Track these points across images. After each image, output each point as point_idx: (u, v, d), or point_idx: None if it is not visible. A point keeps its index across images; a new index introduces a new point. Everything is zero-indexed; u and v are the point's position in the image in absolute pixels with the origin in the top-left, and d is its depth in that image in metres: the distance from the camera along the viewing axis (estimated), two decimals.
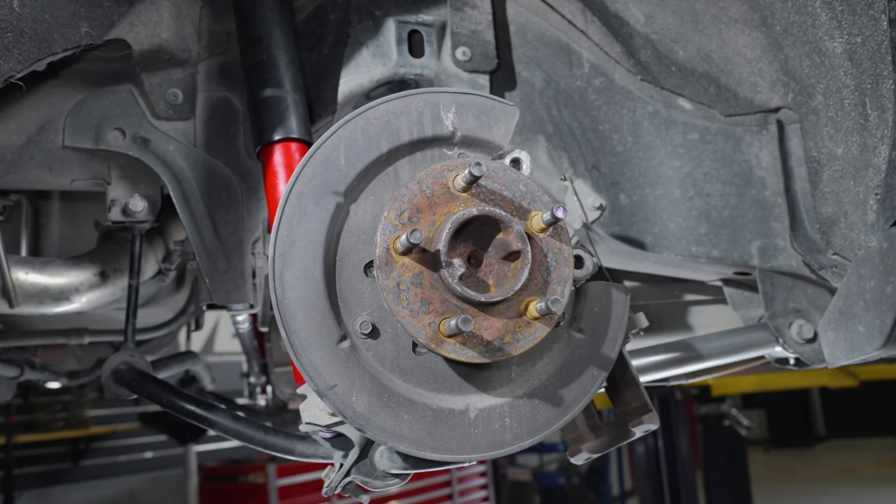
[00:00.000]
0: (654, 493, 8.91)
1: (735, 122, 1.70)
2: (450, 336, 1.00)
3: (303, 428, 1.17)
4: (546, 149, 1.67)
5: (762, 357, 1.85)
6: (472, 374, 1.10)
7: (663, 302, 2.02)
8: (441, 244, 0.99)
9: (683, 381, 1.97)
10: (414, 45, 1.60)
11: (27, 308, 1.60)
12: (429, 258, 1.01)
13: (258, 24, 1.50)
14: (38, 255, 1.97)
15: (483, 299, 1.00)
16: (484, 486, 9.73)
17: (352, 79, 1.55)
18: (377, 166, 1.11)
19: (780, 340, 1.66)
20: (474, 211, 1.02)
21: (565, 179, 1.67)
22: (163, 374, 2.03)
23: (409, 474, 1.22)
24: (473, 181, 1.02)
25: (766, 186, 1.68)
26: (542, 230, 1.07)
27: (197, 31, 1.60)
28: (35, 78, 1.51)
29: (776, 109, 1.67)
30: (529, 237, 1.06)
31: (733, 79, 1.68)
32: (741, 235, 1.67)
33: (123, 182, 1.61)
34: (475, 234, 1.05)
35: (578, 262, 1.18)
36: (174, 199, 1.53)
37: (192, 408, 1.37)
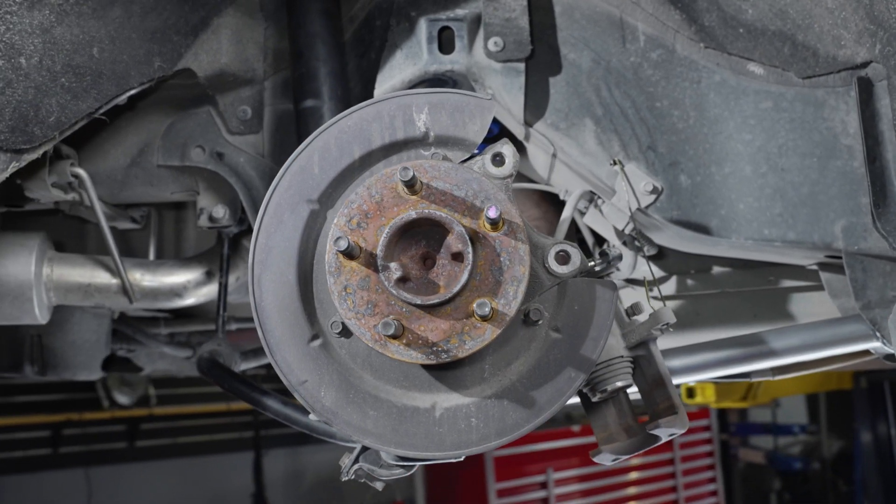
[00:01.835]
0: (885, 491, 7.78)
1: (816, 84, 1.47)
2: (392, 337, 1.02)
3: (311, 417, 1.27)
4: (594, 133, 1.59)
5: (867, 352, 1.58)
6: (443, 373, 1.12)
7: (757, 289, 1.80)
8: (378, 248, 1.03)
9: (769, 377, 1.75)
10: (445, 41, 1.60)
11: (144, 304, 1.90)
12: (374, 262, 1.04)
13: (301, 40, 1.62)
14: (181, 255, 2.30)
15: (420, 302, 1.01)
16: (710, 467, 9.19)
17: (385, 82, 1.61)
18: (352, 172, 1.16)
19: (878, 335, 1.41)
20: (413, 214, 1.03)
21: (615, 164, 1.57)
22: (258, 362, 2.29)
23: (412, 465, 1.27)
24: (411, 184, 1.03)
25: (854, 156, 1.43)
26: (495, 228, 1.05)
27: (262, 50, 1.76)
28: (132, 108, 1.78)
29: (864, 65, 1.41)
30: (482, 236, 1.05)
31: (812, 34, 1.45)
32: (823, 214, 1.44)
33: (209, 192, 1.84)
34: (427, 236, 1.07)
35: (564, 257, 1.13)
36: (244, 206, 1.71)
37: (249, 392, 1.55)
